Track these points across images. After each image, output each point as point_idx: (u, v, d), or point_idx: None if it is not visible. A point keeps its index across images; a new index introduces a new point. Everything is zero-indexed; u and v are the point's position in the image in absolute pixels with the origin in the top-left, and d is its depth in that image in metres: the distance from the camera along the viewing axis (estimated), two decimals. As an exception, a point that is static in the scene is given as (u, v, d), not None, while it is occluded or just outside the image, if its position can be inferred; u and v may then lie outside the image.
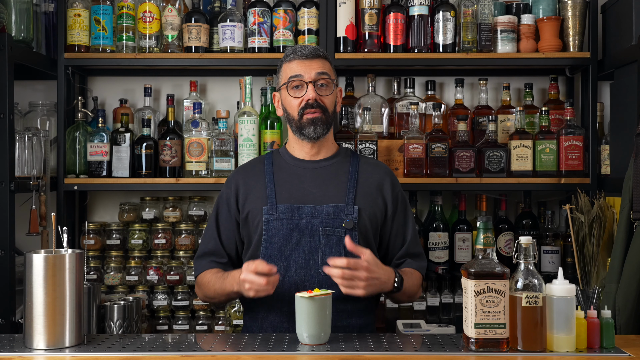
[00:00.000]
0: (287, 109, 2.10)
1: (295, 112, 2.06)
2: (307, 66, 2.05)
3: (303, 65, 2.06)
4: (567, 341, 1.59)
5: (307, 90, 2.04)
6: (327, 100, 2.07)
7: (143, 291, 2.82)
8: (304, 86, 2.05)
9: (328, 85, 2.08)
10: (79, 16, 2.75)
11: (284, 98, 2.11)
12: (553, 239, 2.84)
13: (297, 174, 2.10)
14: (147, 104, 2.94)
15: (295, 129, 2.08)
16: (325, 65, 2.08)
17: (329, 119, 2.07)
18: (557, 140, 2.72)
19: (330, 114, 2.08)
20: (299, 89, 2.06)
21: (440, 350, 1.64)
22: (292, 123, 2.09)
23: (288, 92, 2.07)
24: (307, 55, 2.07)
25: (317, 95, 2.04)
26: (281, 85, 2.11)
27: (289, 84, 2.07)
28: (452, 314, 2.77)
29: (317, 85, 2.05)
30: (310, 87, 2.04)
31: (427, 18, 2.76)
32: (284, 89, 2.09)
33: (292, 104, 2.07)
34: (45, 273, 1.64)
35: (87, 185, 2.76)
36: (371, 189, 2.09)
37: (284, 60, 2.11)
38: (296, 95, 2.06)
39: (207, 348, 1.70)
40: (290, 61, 2.08)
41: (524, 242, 1.61)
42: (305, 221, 2.01)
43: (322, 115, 2.05)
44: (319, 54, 2.09)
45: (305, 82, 2.05)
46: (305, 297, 1.67)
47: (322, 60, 2.09)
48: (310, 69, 2.05)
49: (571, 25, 2.77)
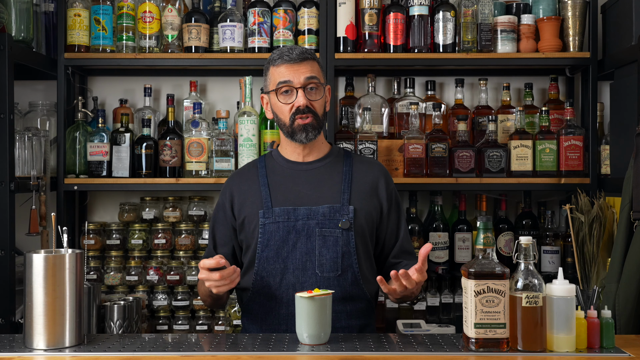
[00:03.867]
0: (277, 114, 2.07)
1: (287, 117, 2.03)
2: (296, 70, 2.01)
3: (291, 69, 2.01)
4: (567, 341, 1.59)
5: (297, 97, 2.01)
6: (317, 105, 2.04)
7: (143, 291, 2.82)
8: (293, 92, 2.02)
9: (318, 89, 2.05)
10: (79, 16, 2.75)
11: (273, 103, 2.07)
12: (553, 239, 2.84)
13: (290, 177, 2.09)
14: (147, 104, 2.94)
15: (286, 132, 2.06)
16: (314, 68, 2.04)
17: (320, 123, 2.05)
18: (557, 140, 2.72)
19: (321, 117, 2.06)
20: (288, 94, 2.02)
21: (440, 350, 1.64)
22: (283, 128, 2.07)
23: (278, 98, 2.03)
24: (294, 59, 2.01)
25: (308, 100, 2.02)
26: (270, 90, 2.07)
27: (278, 89, 2.03)
28: (452, 314, 2.77)
29: (306, 89, 2.02)
30: (301, 93, 2.00)
31: (427, 18, 2.76)
32: (273, 94, 2.05)
33: (282, 109, 2.04)
34: (45, 273, 1.64)
35: (87, 185, 2.76)
36: (366, 188, 2.08)
37: (271, 64, 2.06)
38: (286, 102, 2.02)
39: (207, 348, 1.70)
40: (278, 65, 2.03)
41: (524, 242, 1.61)
42: (301, 223, 2.00)
43: (313, 120, 2.02)
44: (307, 56, 2.04)
45: (295, 87, 2.01)
46: (305, 297, 1.67)
47: (311, 62, 2.04)
48: (299, 73, 2.01)
49: (571, 25, 2.77)
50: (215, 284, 1.81)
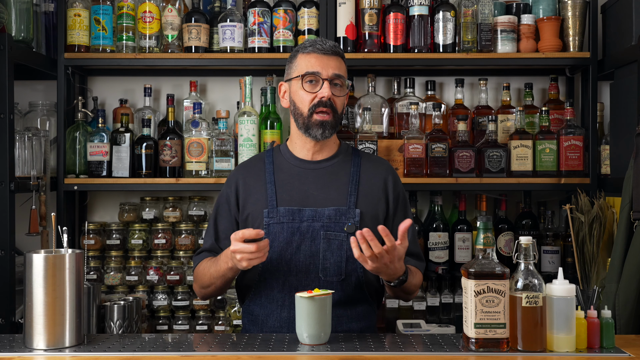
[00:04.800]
0: (296, 103, 2.02)
1: (306, 108, 1.99)
2: (326, 63, 1.98)
3: (321, 61, 1.98)
4: (567, 341, 1.59)
5: (323, 87, 1.97)
6: (338, 102, 2.01)
7: (143, 291, 2.82)
8: (319, 82, 1.98)
9: (342, 87, 2.02)
10: (79, 16, 2.75)
11: (294, 91, 2.02)
12: (553, 239, 2.84)
13: (298, 175, 2.05)
14: (147, 104, 2.94)
15: (301, 125, 2.01)
16: (341, 67, 2.02)
17: (337, 121, 2.02)
18: (557, 140, 2.73)
19: (339, 116, 2.03)
20: (313, 84, 1.99)
21: (440, 350, 1.64)
22: (298, 118, 2.02)
23: (302, 86, 1.99)
24: (326, 51, 1.99)
25: (332, 94, 1.98)
26: (293, 77, 2.02)
27: (304, 77, 1.99)
28: (452, 314, 2.77)
29: (332, 84, 1.99)
30: (326, 85, 1.97)
31: (427, 18, 2.76)
32: (297, 81, 2.00)
33: (303, 98, 1.99)
34: (45, 273, 1.64)
35: (87, 185, 2.76)
36: (373, 189, 2.05)
37: (301, 51, 2.02)
38: (311, 91, 1.98)
39: (207, 348, 1.70)
40: (309, 54, 2.00)
41: (524, 242, 1.61)
42: (306, 224, 1.96)
43: (332, 118, 1.99)
44: (338, 51, 2.02)
45: (321, 78, 1.98)
46: (305, 297, 1.67)
47: (340, 59, 2.02)
48: (328, 66, 1.98)
49: (571, 25, 2.77)
50: (248, 257, 1.76)
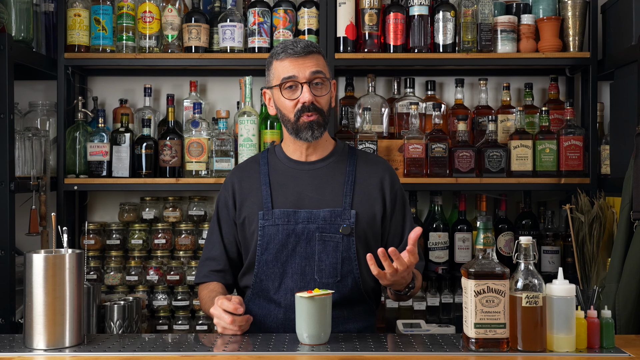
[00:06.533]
0: (281, 110, 1.99)
1: (291, 113, 1.95)
2: (301, 65, 1.93)
3: (296, 64, 1.93)
4: (567, 341, 1.59)
5: (303, 92, 1.92)
6: (323, 101, 1.97)
7: (143, 291, 2.82)
8: (298, 87, 1.93)
9: (323, 84, 1.96)
10: (79, 16, 2.75)
11: (277, 98, 1.99)
12: (553, 239, 2.84)
13: (292, 176, 2.03)
14: (147, 104, 2.94)
15: (291, 130, 1.99)
16: (319, 62, 1.96)
17: (325, 120, 1.98)
18: (557, 140, 2.73)
19: (327, 114, 1.99)
20: (292, 89, 1.94)
21: (440, 350, 1.64)
22: (287, 124, 1.99)
23: (282, 94, 1.95)
24: (299, 53, 1.93)
25: (313, 96, 1.94)
26: (273, 85, 1.99)
27: (282, 85, 1.94)
28: (452, 314, 2.77)
29: (312, 85, 1.94)
30: (306, 89, 1.92)
31: (427, 18, 2.76)
32: (277, 89, 1.97)
33: (286, 105, 1.95)
34: (45, 273, 1.64)
35: (87, 185, 2.76)
36: (369, 190, 2.02)
37: (274, 58, 1.97)
38: (291, 97, 1.94)
39: (207, 348, 1.70)
40: (282, 59, 1.94)
41: (524, 242, 1.61)
42: (301, 226, 1.95)
43: (319, 117, 1.95)
44: (312, 50, 1.95)
45: (300, 82, 1.93)
46: (305, 297, 1.67)
47: (316, 56, 1.96)
48: (304, 67, 1.93)
49: (571, 25, 2.77)
50: (223, 325, 1.78)
